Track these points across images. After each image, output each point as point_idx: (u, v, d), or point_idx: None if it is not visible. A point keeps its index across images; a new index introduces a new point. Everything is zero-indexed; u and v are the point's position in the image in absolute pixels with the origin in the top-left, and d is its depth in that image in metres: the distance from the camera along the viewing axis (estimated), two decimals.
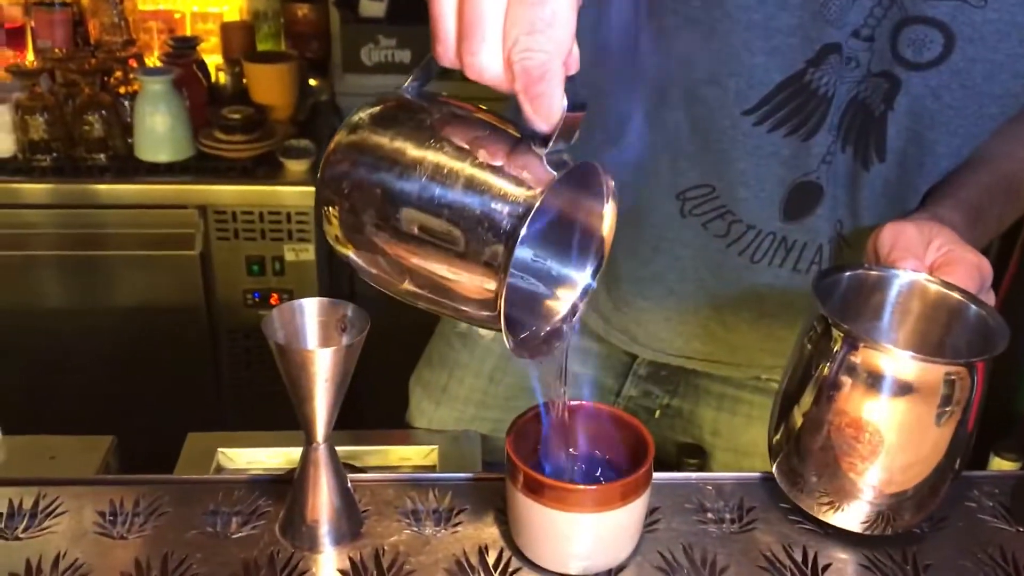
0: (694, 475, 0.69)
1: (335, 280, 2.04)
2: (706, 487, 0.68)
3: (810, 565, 0.62)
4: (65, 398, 1.79)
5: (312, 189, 1.75)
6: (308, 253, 1.82)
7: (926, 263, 0.64)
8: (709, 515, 0.66)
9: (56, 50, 1.88)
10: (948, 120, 0.72)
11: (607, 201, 0.53)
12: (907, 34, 0.69)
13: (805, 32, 0.70)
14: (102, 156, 1.75)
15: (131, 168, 1.76)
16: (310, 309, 0.57)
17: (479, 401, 1.09)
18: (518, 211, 0.46)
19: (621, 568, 0.61)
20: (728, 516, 0.66)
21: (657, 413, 1.07)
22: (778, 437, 0.64)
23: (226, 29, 1.96)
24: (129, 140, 1.76)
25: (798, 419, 0.61)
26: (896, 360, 0.56)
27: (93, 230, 1.76)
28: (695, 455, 1.04)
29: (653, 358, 0.97)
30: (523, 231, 0.46)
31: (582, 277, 0.55)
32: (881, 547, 0.63)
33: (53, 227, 1.76)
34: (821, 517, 0.63)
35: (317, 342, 0.57)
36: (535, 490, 0.56)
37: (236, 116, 1.78)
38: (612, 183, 0.52)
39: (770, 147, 0.76)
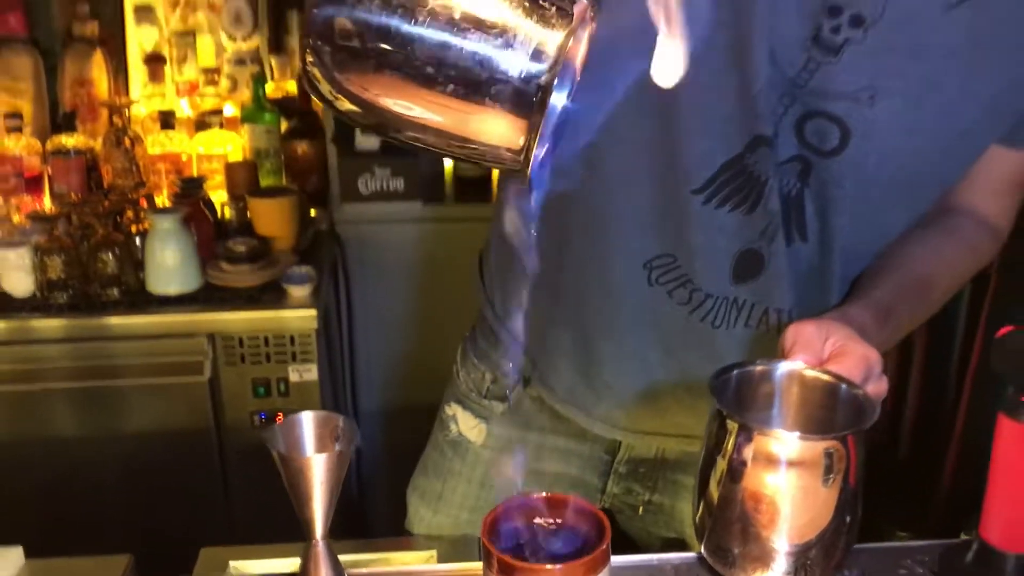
0: (655, 556, 0.76)
1: (337, 397, 2.13)
2: (666, 566, 0.75)
3: None
4: (83, 519, 1.86)
5: (313, 312, 1.86)
6: (311, 373, 1.91)
7: (822, 355, 0.74)
8: None
9: (72, 195, 2.01)
10: (850, 207, 0.83)
11: (586, 23, 0.51)
12: (811, 125, 0.81)
13: (739, 122, 0.82)
14: (115, 291, 1.86)
15: (143, 301, 1.86)
16: (306, 422, 0.66)
17: (472, 506, 1.17)
18: (552, 51, 0.45)
19: None
20: None
21: (640, 509, 1.14)
22: (699, 516, 0.72)
23: (230, 168, 2.09)
24: (141, 275, 1.87)
25: (713, 499, 0.70)
26: (781, 440, 0.66)
27: (107, 361, 1.86)
28: (679, 550, 1.11)
29: (635, 442, 1.05)
30: (557, 76, 0.45)
31: (559, 100, 0.54)
32: None
33: (68, 360, 1.86)
34: None
35: (313, 450, 0.66)
36: (507, 572, 0.64)
37: (241, 248, 1.90)
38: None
39: (718, 221, 0.87)
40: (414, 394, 1.38)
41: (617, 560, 0.71)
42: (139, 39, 2.33)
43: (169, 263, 1.86)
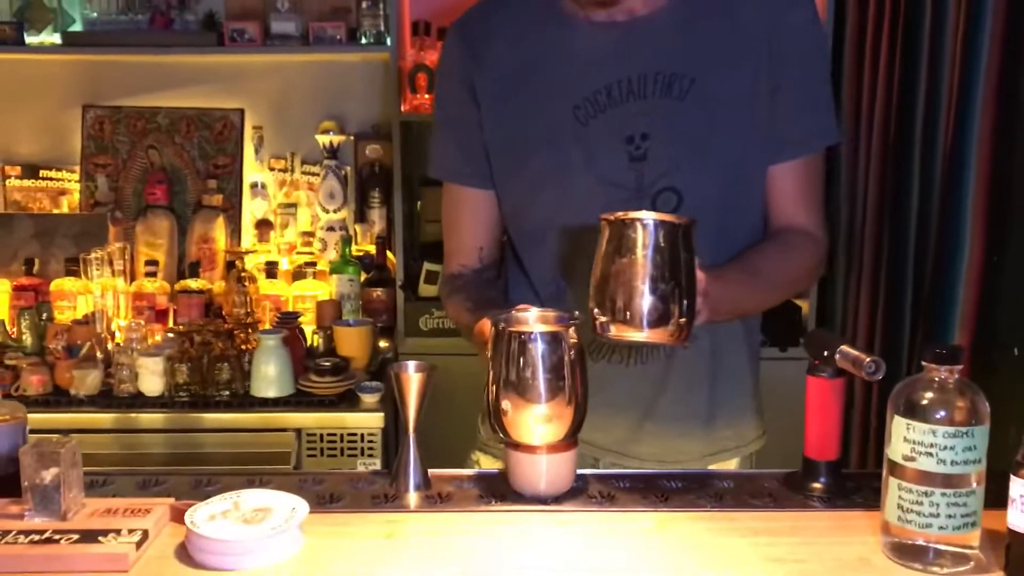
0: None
1: None
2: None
3: None
4: None
5: (381, 414, 2.33)
6: (375, 466, 2.35)
7: None
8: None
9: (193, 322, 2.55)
10: (698, 242, 1.29)
11: None
12: (660, 199, 1.32)
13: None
14: (226, 393, 2.35)
15: (247, 402, 2.33)
16: (411, 364, 1.16)
17: None
18: None
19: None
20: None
21: None
22: (592, 296, 1.10)
23: (320, 305, 2.62)
24: (247, 382, 2.37)
25: (599, 273, 1.09)
26: (645, 217, 1.08)
27: (214, 450, 2.33)
28: None
29: (614, 459, 1.48)
30: None
31: None
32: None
33: (179, 447, 2.33)
34: (619, 332, 1.08)
35: (413, 371, 1.15)
36: (518, 448, 1.11)
37: (327, 364, 2.39)
38: None
39: None
40: None
41: None
42: (252, 209, 2.95)
43: (271, 373, 2.34)
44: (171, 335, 2.45)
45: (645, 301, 1.06)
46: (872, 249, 2.44)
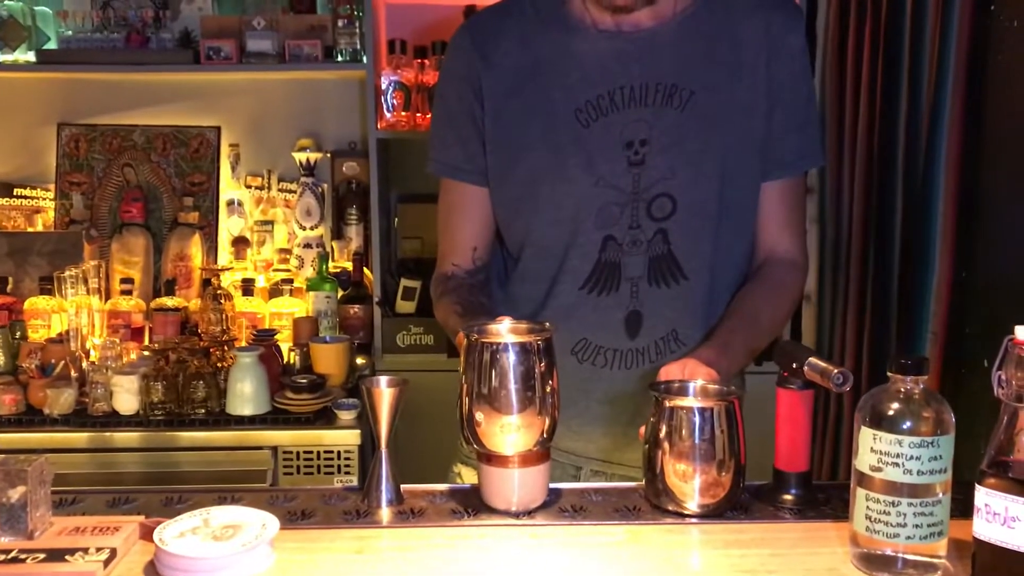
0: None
1: None
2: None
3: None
4: None
5: (358, 431, 2.32)
6: (353, 484, 2.35)
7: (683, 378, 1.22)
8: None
9: (168, 340, 2.54)
10: (691, 248, 1.35)
11: None
12: (655, 204, 1.34)
13: (596, 234, 1.36)
14: (202, 411, 2.34)
15: (223, 420, 2.32)
16: (383, 378, 1.15)
17: None
18: None
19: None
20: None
21: None
22: (644, 469, 1.17)
23: (297, 322, 2.62)
24: (222, 400, 2.36)
25: (654, 452, 1.15)
26: (687, 401, 1.13)
27: (189, 468, 2.31)
28: None
29: (597, 467, 1.48)
30: None
31: None
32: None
33: (153, 466, 2.31)
34: (671, 508, 1.15)
35: (385, 385, 1.15)
36: (488, 460, 1.11)
37: (303, 381, 2.38)
38: None
39: (602, 305, 1.38)
40: None
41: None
42: (228, 226, 2.94)
43: (247, 390, 2.33)
44: (146, 353, 2.44)
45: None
46: (858, 265, 2.46)
